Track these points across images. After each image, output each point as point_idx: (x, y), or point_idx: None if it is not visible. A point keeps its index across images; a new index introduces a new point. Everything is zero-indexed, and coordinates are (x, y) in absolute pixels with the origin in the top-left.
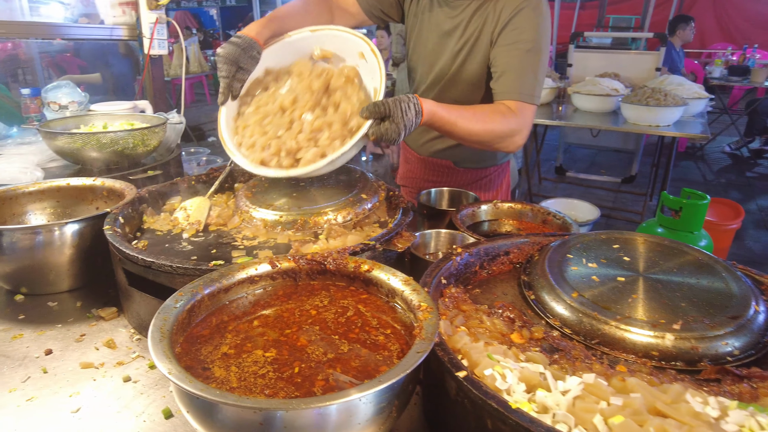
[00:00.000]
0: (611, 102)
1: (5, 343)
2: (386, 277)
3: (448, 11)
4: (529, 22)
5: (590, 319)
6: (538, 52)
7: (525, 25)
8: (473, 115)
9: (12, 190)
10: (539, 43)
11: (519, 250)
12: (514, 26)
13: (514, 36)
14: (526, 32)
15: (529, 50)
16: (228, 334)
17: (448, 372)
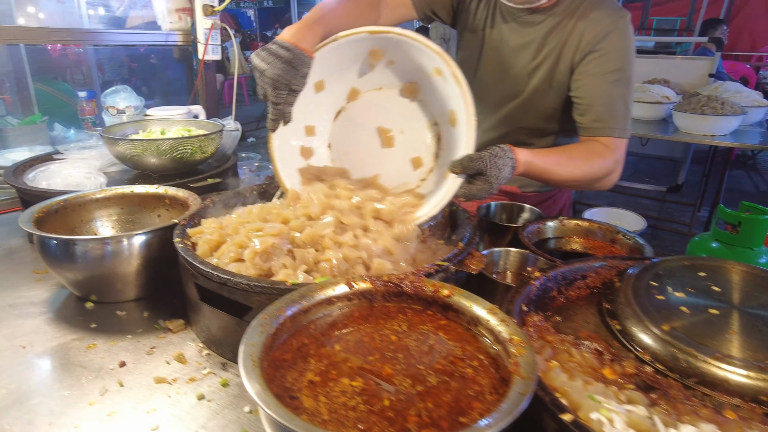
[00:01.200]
0: (662, 110)
1: (81, 352)
2: (468, 304)
3: (517, 27)
4: (616, 47)
5: (686, 355)
6: (628, 82)
7: (612, 52)
8: (570, 159)
9: (81, 197)
10: (628, 71)
11: (596, 274)
12: (601, 52)
13: (601, 64)
14: (614, 60)
15: (618, 80)
16: (311, 359)
17: (549, 414)
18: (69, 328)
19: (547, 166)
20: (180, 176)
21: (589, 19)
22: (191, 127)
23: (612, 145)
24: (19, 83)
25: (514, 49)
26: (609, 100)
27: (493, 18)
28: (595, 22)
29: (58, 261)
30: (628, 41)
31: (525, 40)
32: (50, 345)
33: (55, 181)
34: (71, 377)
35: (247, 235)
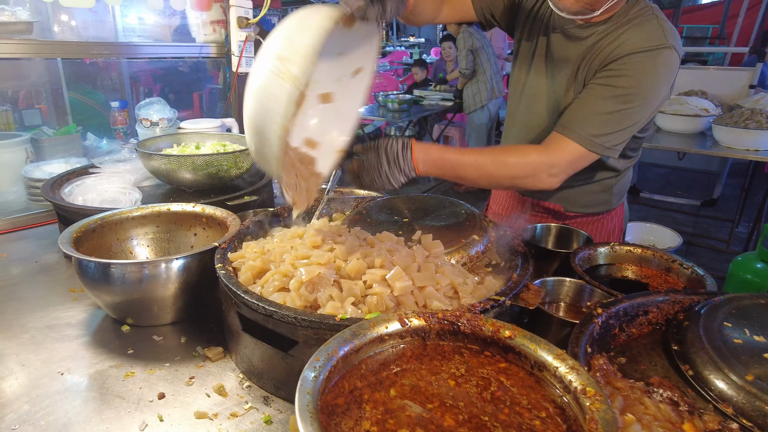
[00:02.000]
0: (700, 123)
1: (119, 381)
2: (533, 347)
3: (563, 39)
4: (635, 69)
5: None
6: (629, 101)
7: (628, 70)
8: (479, 152)
9: (117, 215)
10: (637, 94)
11: (658, 309)
12: (616, 66)
13: (608, 76)
14: (624, 78)
15: (617, 96)
16: (366, 406)
17: None
18: (106, 353)
19: (447, 156)
20: (215, 192)
21: (622, 38)
22: (226, 142)
23: (558, 143)
24: (55, 93)
25: (558, 62)
26: (590, 106)
27: (546, 27)
28: (625, 42)
29: (95, 283)
30: (654, 69)
31: (567, 54)
32: (88, 372)
33: (91, 197)
34: (110, 409)
35: (292, 263)
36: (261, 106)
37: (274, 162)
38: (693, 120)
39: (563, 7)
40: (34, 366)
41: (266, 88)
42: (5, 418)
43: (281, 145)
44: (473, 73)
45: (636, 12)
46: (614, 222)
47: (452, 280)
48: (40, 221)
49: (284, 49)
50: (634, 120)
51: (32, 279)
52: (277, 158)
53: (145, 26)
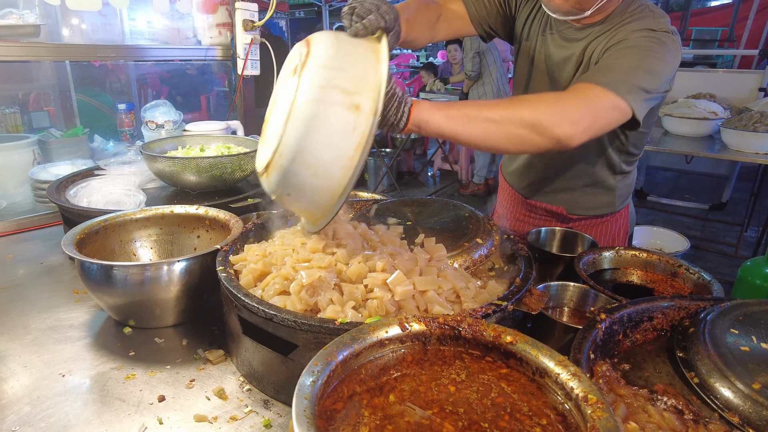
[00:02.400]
0: (708, 126)
1: (119, 384)
2: (534, 353)
3: (560, 40)
4: (638, 40)
5: None
6: (645, 64)
7: (632, 41)
8: (486, 103)
9: (121, 217)
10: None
11: (663, 315)
12: (619, 42)
13: (614, 50)
14: (629, 46)
15: (629, 55)
16: (364, 411)
17: None
18: (108, 355)
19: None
20: (219, 194)
21: (620, 31)
22: (230, 144)
23: (584, 89)
24: (63, 95)
25: (558, 63)
26: (608, 63)
27: (544, 30)
28: (627, 27)
29: (97, 285)
30: (656, 43)
31: (566, 54)
32: (89, 374)
33: (96, 198)
34: (110, 411)
35: (293, 266)
36: (325, 139)
37: (335, 196)
38: (701, 123)
39: (554, 7)
40: (36, 367)
41: (330, 121)
42: (6, 419)
43: (351, 180)
44: (479, 75)
45: (631, 11)
46: (619, 224)
47: (454, 285)
48: (46, 223)
49: (347, 82)
50: (650, 84)
51: (37, 280)
52: (342, 193)
53: (152, 29)
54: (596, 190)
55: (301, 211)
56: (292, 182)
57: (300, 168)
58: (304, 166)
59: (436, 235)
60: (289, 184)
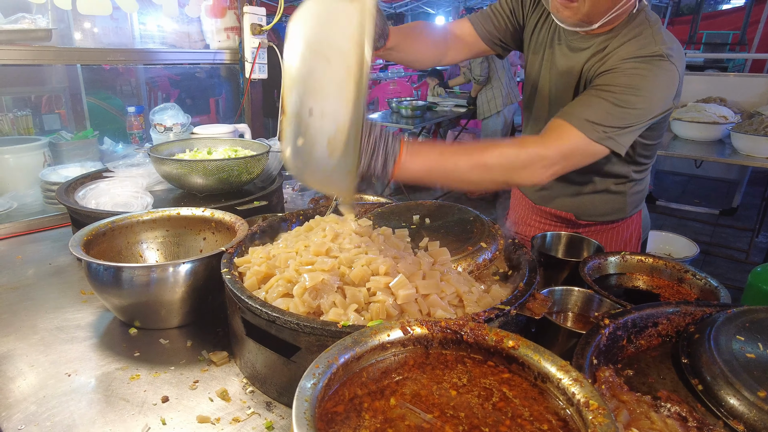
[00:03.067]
0: (718, 130)
1: (124, 384)
2: (536, 357)
3: (566, 51)
4: (629, 72)
5: None
6: (626, 100)
7: (623, 73)
8: (462, 147)
9: (128, 219)
10: (632, 94)
11: (668, 321)
12: (612, 71)
13: (604, 79)
14: (620, 79)
15: (614, 93)
16: (365, 414)
17: None
18: (113, 355)
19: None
20: (225, 196)
21: (619, 50)
22: (237, 147)
23: (556, 129)
24: (74, 98)
25: (561, 73)
26: (587, 99)
27: (552, 39)
28: (620, 51)
29: (104, 286)
30: (652, 74)
31: (570, 65)
32: (95, 374)
33: (104, 200)
34: (114, 411)
35: (296, 269)
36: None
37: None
38: (711, 127)
39: (562, 19)
40: (42, 367)
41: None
42: (12, 418)
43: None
44: (488, 79)
45: (634, 25)
46: (630, 230)
47: (457, 289)
48: (55, 224)
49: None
50: (632, 120)
51: (45, 281)
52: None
53: (161, 33)
54: (606, 196)
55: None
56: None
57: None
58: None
59: (440, 239)
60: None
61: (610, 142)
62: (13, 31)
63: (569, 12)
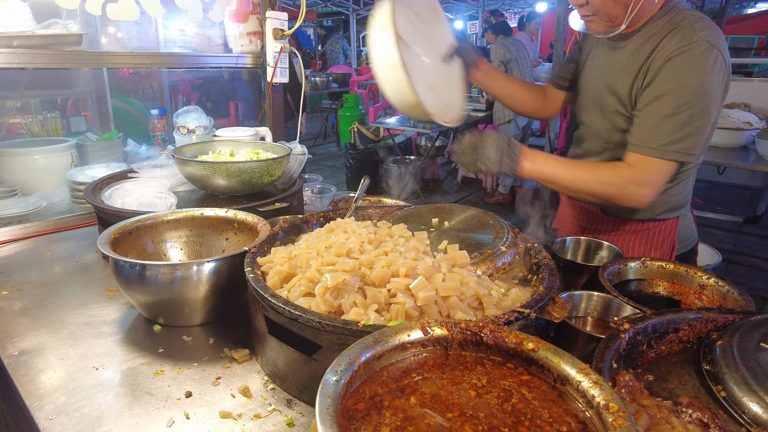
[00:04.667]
0: (742, 136)
1: (149, 379)
2: (556, 360)
3: (607, 50)
4: (675, 71)
5: None
6: (682, 103)
7: (669, 75)
8: (577, 165)
9: (153, 218)
10: (686, 94)
11: (690, 327)
12: (659, 77)
13: (654, 88)
14: (668, 83)
15: (669, 102)
16: (386, 412)
17: None
18: (138, 351)
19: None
20: (247, 198)
21: (659, 49)
22: (259, 150)
23: (634, 161)
24: (99, 101)
25: (610, 66)
26: (650, 121)
27: (596, 45)
28: (661, 51)
29: (130, 283)
30: (694, 66)
31: (611, 61)
32: (121, 368)
33: (129, 200)
34: (140, 404)
35: (318, 269)
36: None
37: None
38: (735, 133)
39: (593, 30)
40: (71, 360)
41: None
42: (44, 408)
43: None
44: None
45: (667, 20)
46: (662, 236)
47: (477, 291)
48: (82, 223)
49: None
50: (697, 121)
51: (72, 278)
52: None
53: (185, 37)
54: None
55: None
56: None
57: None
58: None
59: (459, 242)
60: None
61: (687, 157)
62: (46, 36)
63: (592, 22)
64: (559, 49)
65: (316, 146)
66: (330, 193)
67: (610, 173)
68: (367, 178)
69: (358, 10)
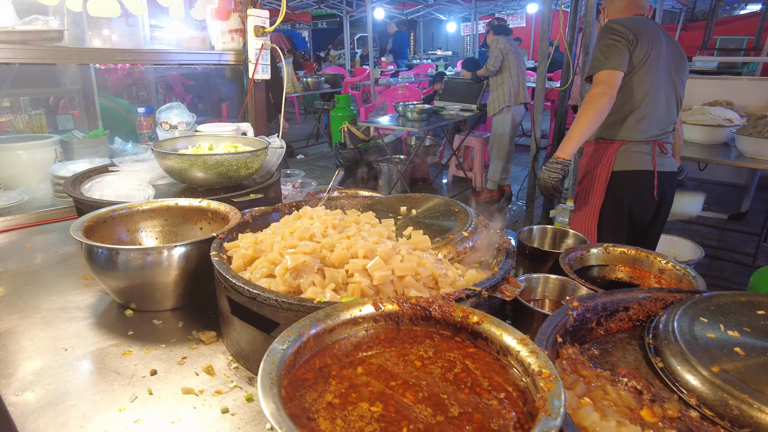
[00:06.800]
0: (723, 133)
1: (116, 358)
2: (498, 332)
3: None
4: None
5: (738, 401)
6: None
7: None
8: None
9: (128, 207)
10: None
11: (640, 306)
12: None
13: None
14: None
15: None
16: (332, 380)
17: None
18: (108, 333)
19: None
20: (225, 191)
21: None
22: (238, 144)
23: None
24: (87, 99)
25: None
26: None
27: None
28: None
29: (102, 268)
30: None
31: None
32: (89, 349)
33: (108, 192)
34: (105, 382)
35: (280, 252)
36: None
37: None
38: (715, 130)
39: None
40: (41, 342)
41: None
42: (11, 386)
43: None
44: (499, 71)
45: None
46: (606, 152)
47: (433, 271)
48: (64, 216)
49: None
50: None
51: (51, 268)
52: None
53: (169, 36)
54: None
55: None
56: None
57: None
58: None
59: (424, 228)
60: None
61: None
62: (26, 31)
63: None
64: (544, 48)
65: (309, 147)
66: (310, 188)
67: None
68: (342, 170)
69: (351, 12)
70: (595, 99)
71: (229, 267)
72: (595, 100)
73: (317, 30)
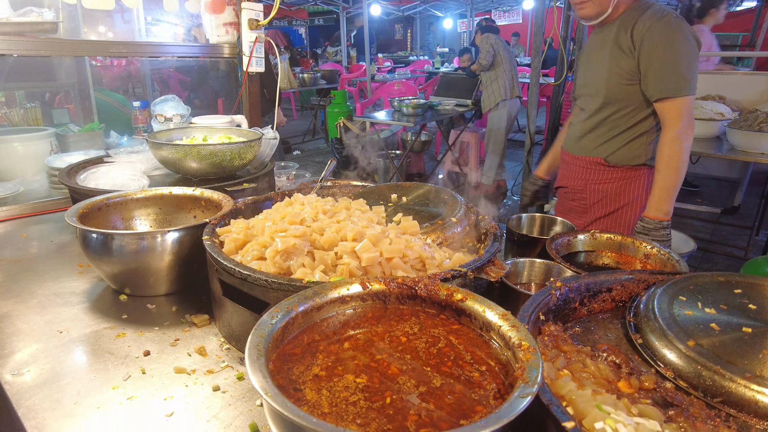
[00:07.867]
0: (715, 127)
1: (110, 340)
2: (481, 309)
3: (596, 36)
4: (660, 32)
5: (711, 373)
6: (675, 45)
7: (657, 34)
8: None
9: (122, 196)
10: (674, 41)
11: (622, 287)
12: (649, 38)
13: (651, 42)
14: (659, 38)
15: (666, 48)
16: (319, 355)
17: (553, 421)
18: (103, 317)
19: (665, 193)
20: (219, 181)
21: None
22: (232, 135)
23: (669, 108)
24: (82, 93)
25: (594, 47)
26: (657, 71)
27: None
28: (640, 24)
29: (96, 253)
30: (669, 25)
31: (600, 38)
32: (84, 332)
33: (103, 182)
34: (99, 362)
35: (270, 235)
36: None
37: None
38: (707, 124)
39: (584, 18)
40: (37, 325)
41: None
42: (7, 365)
43: None
44: (491, 66)
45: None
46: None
47: (420, 254)
48: (59, 207)
49: None
50: (688, 57)
51: (47, 256)
52: None
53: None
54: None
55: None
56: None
57: None
58: None
59: (414, 215)
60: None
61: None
62: (20, 23)
63: (584, 8)
64: (538, 43)
65: (305, 142)
66: (304, 179)
67: (662, 147)
68: (334, 161)
69: (348, 8)
70: (687, 138)
71: (220, 251)
72: (688, 140)
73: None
